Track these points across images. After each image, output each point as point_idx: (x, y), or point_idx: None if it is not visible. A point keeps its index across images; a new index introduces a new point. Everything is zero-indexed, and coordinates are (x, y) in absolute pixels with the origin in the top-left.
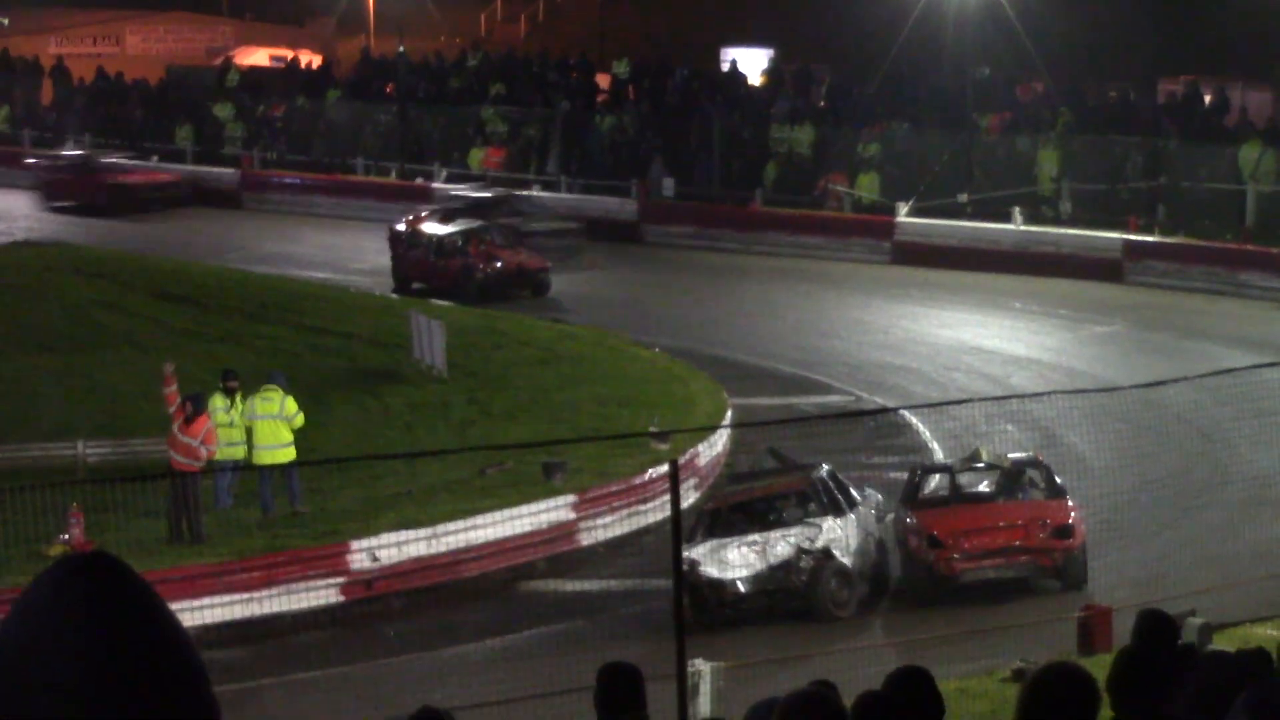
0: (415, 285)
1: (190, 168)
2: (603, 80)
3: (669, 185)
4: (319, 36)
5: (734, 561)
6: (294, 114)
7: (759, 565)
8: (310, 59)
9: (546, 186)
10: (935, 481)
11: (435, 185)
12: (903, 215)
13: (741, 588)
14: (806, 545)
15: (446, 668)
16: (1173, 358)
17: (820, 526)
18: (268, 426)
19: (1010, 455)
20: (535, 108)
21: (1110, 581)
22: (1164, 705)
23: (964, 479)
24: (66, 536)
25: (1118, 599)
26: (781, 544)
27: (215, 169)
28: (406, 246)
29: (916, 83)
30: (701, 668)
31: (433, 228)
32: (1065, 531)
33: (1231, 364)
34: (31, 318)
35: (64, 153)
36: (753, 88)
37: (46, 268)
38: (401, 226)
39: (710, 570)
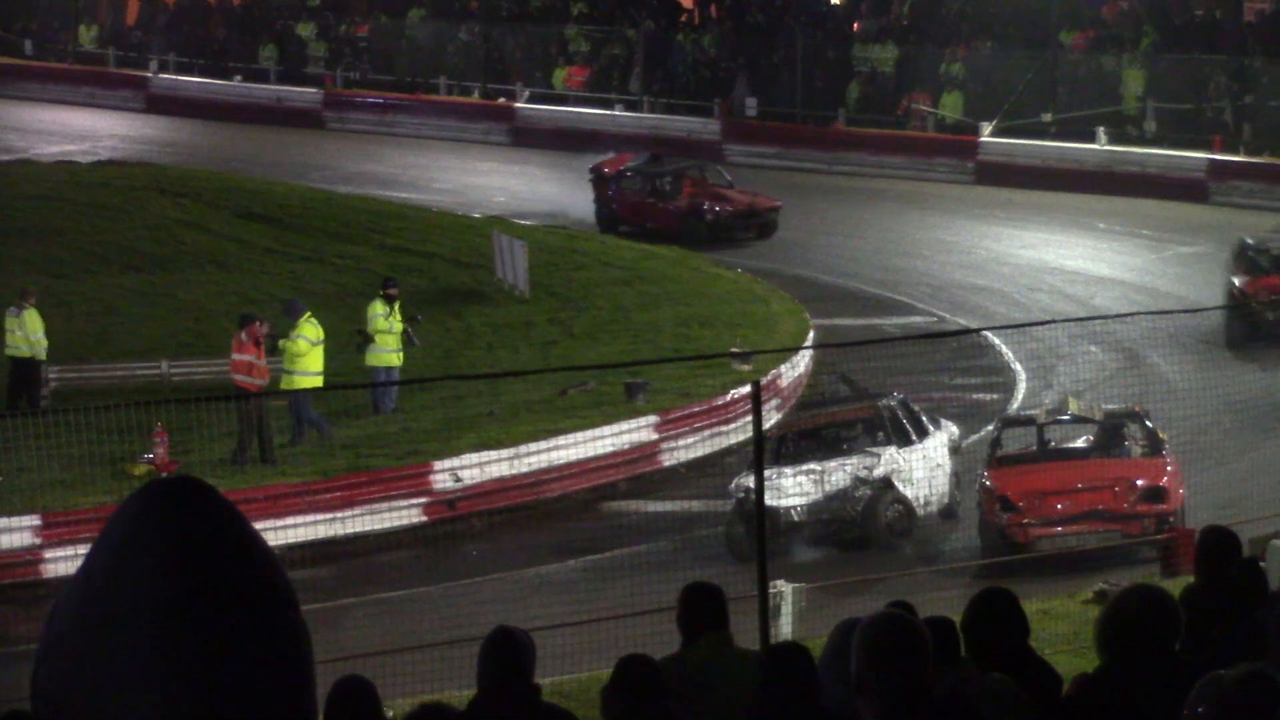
0: (623, 227)
1: (273, 87)
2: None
3: (751, 105)
4: None
5: (789, 489)
6: (376, 33)
7: (815, 493)
8: None
9: (629, 106)
10: (1018, 435)
11: (518, 105)
12: (986, 135)
13: (795, 516)
14: (864, 474)
15: (528, 588)
16: None
17: (879, 456)
18: (318, 351)
19: (1105, 406)
20: (618, 27)
21: (1194, 504)
22: (1241, 624)
23: (1051, 433)
24: (150, 456)
25: (1201, 521)
26: (839, 473)
27: (298, 88)
28: (616, 186)
29: (1000, 1)
30: (783, 589)
31: (648, 166)
32: (1157, 495)
33: None
34: (116, 237)
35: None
36: (835, 6)
37: (131, 187)
38: (607, 166)
39: (765, 497)
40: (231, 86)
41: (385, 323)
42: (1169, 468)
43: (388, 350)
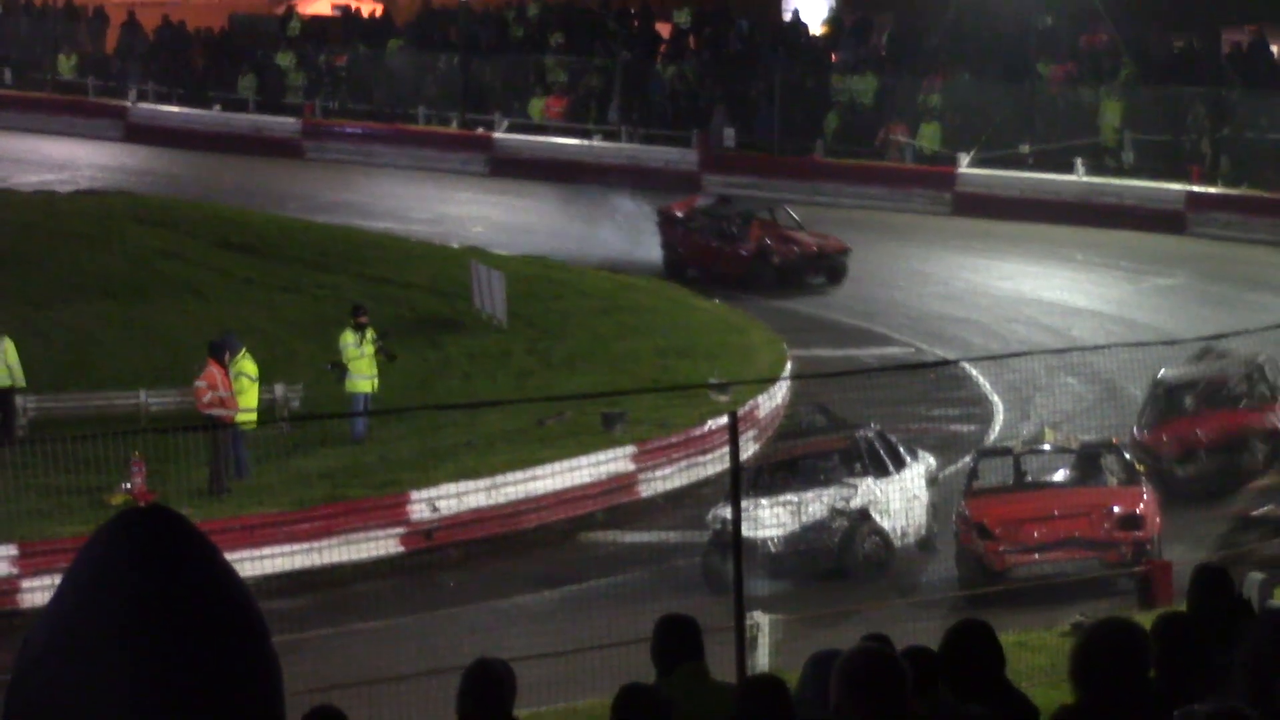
0: (690, 272)
1: (252, 116)
2: (664, 29)
3: (729, 135)
4: None
5: (766, 520)
6: (355, 63)
7: (791, 525)
8: (372, 7)
9: (607, 136)
10: (996, 467)
11: (496, 135)
12: (964, 166)
13: (772, 547)
14: (841, 505)
15: (505, 618)
16: (1235, 310)
17: (856, 487)
18: (254, 388)
19: (1081, 437)
20: (596, 57)
21: (1171, 536)
22: (1218, 660)
23: (1028, 464)
24: (128, 485)
25: (1178, 554)
26: (815, 504)
27: (277, 118)
28: (683, 230)
29: (978, 32)
30: (760, 620)
31: (715, 208)
32: (1133, 522)
33: None
34: (94, 266)
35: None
36: (814, 37)
37: (109, 216)
38: (677, 209)
39: (742, 529)
40: (210, 116)
41: (356, 350)
42: (1145, 496)
43: (362, 377)
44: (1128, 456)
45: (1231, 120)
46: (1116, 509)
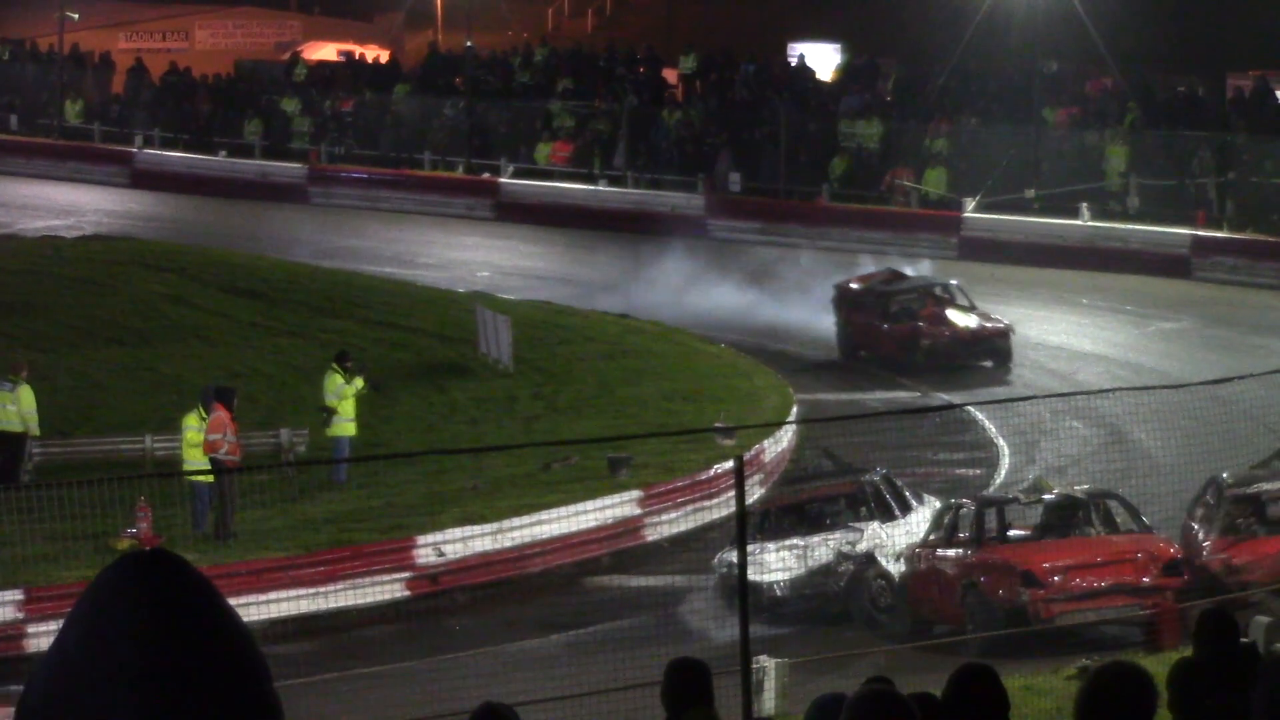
0: (863, 353)
1: (258, 162)
2: (669, 75)
3: (735, 180)
4: (387, 31)
5: (772, 564)
6: (361, 108)
7: (798, 569)
8: (378, 53)
9: (613, 181)
10: (989, 516)
11: (502, 180)
12: (970, 210)
13: (779, 591)
14: (846, 549)
15: (511, 663)
16: (1240, 354)
17: (863, 531)
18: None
19: (1077, 486)
20: (602, 102)
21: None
22: (1225, 706)
23: (1043, 512)
24: (134, 530)
25: (1186, 597)
26: (822, 548)
27: (282, 163)
28: (852, 308)
29: (984, 77)
30: (766, 664)
31: (883, 284)
32: (1176, 568)
33: None
34: (100, 312)
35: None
36: (820, 82)
37: (115, 261)
38: (853, 283)
39: (748, 573)
40: (216, 161)
41: (350, 389)
42: (1171, 541)
43: (347, 420)
44: (1130, 503)
45: (1236, 165)
46: (1158, 555)
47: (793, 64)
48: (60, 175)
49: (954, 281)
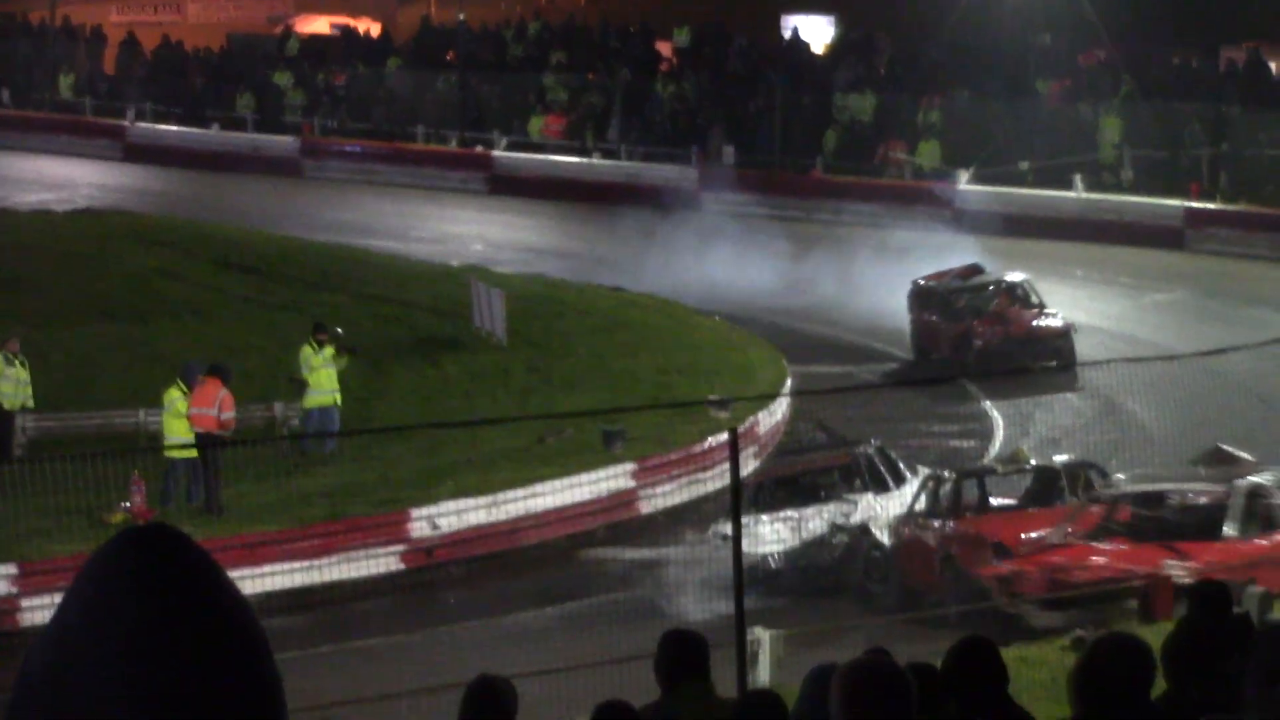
0: (934, 356)
1: (251, 136)
2: (663, 48)
3: (729, 153)
4: (379, 4)
5: (766, 536)
6: (354, 82)
7: (792, 540)
8: (370, 27)
9: (607, 154)
10: (967, 487)
11: (496, 153)
12: (963, 183)
13: (773, 563)
14: (840, 521)
15: (506, 636)
16: (1234, 325)
17: (856, 503)
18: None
19: (1056, 457)
20: (595, 75)
21: None
22: (1218, 675)
23: (996, 484)
24: (128, 504)
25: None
26: (815, 520)
27: (275, 137)
28: (921, 305)
29: (977, 50)
30: (761, 636)
31: (953, 281)
32: None
33: None
34: (93, 286)
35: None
36: (814, 56)
37: (108, 236)
38: (931, 279)
39: (742, 545)
40: (209, 135)
41: (319, 360)
42: None
43: (321, 392)
44: (1107, 474)
45: (1230, 137)
46: None
47: (786, 37)
48: (53, 149)
49: (1024, 277)
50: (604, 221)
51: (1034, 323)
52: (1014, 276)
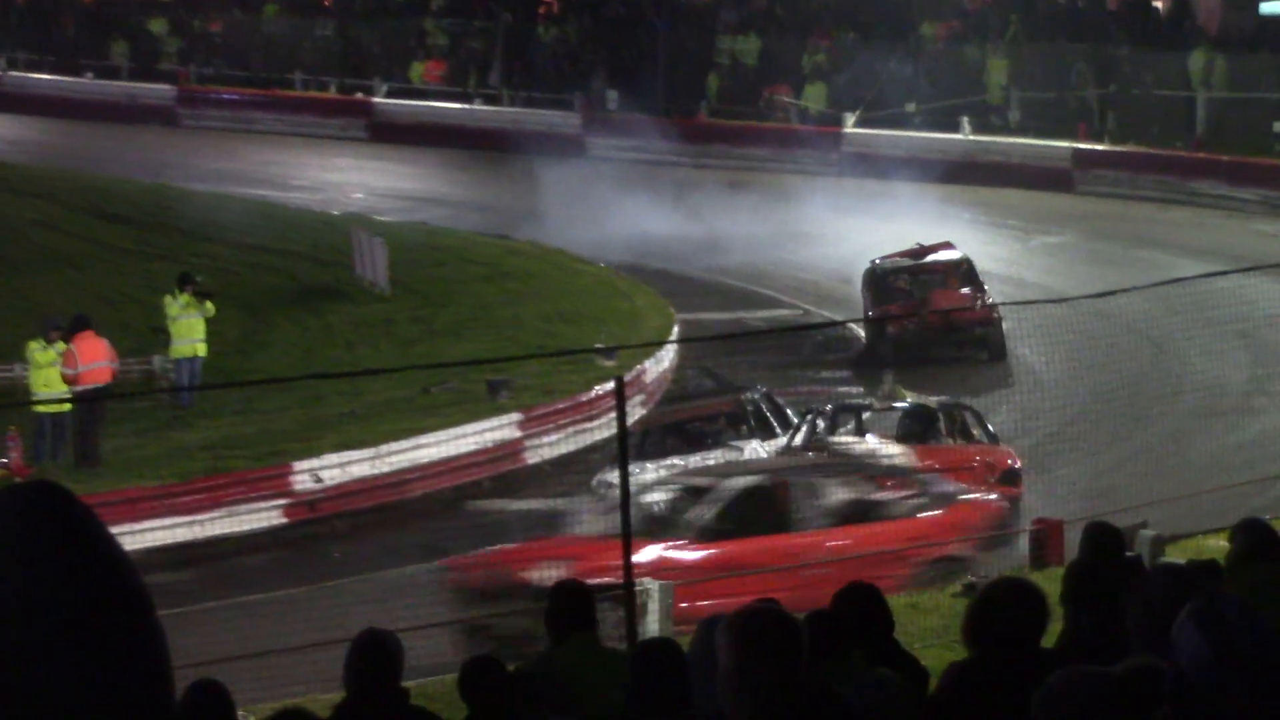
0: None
1: (126, 84)
2: None
3: (612, 98)
4: None
5: (651, 484)
6: (230, 28)
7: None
8: None
9: (489, 100)
10: (849, 424)
11: (376, 100)
12: (850, 126)
13: (657, 510)
14: None
15: (393, 589)
16: (1124, 267)
17: (742, 449)
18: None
19: (933, 397)
20: (476, 20)
21: (1062, 494)
22: (1111, 617)
23: (887, 420)
24: (5, 460)
25: (1069, 512)
26: (701, 467)
27: (151, 85)
28: (866, 289)
29: None
30: (649, 586)
31: (892, 262)
32: (1012, 477)
33: (1182, 273)
34: None
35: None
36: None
37: None
38: (877, 261)
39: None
40: (83, 84)
41: (176, 308)
42: (1013, 452)
43: (181, 341)
44: (980, 415)
45: (1117, 77)
46: (995, 464)
47: None
48: None
49: (961, 256)
50: (487, 168)
51: (951, 313)
52: (951, 255)
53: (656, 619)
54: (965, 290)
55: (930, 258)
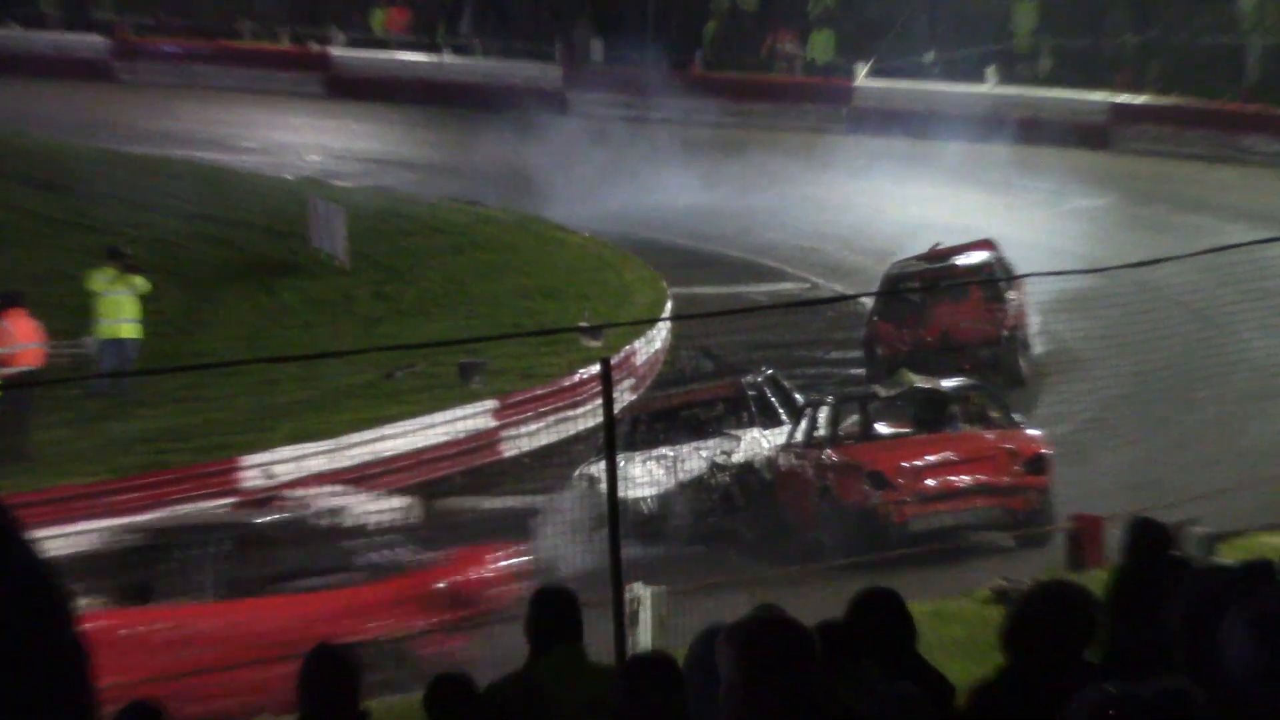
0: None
1: (54, 35)
2: None
3: (597, 48)
4: None
5: (638, 478)
6: None
7: (667, 482)
8: None
9: (459, 51)
10: (853, 414)
11: (333, 52)
12: (861, 78)
13: (645, 508)
14: (721, 460)
15: None
16: (1167, 233)
17: (740, 439)
18: None
19: (944, 381)
20: None
21: (1102, 487)
22: (1157, 622)
23: (896, 408)
24: None
25: (1110, 507)
26: (694, 458)
27: (83, 36)
28: (879, 297)
29: None
30: (641, 593)
31: (909, 264)
32: (1040, 464)
33: (1232, 239)
34: None
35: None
36: None
37: None
38: (894, 265)
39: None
40: (7, 35)
41: (100, 284)
42: (1040, 436)
43: (107, 321)
44: (1001, 399)
45: (1159, 21)
46: (1020, 452)
47: None
48: None
49: (988, 258)
50: (457, 128)
51: (959, 323)
52: (974, 259)
53: (649, 630)
54: (986, 303)
55: (952, 261)
